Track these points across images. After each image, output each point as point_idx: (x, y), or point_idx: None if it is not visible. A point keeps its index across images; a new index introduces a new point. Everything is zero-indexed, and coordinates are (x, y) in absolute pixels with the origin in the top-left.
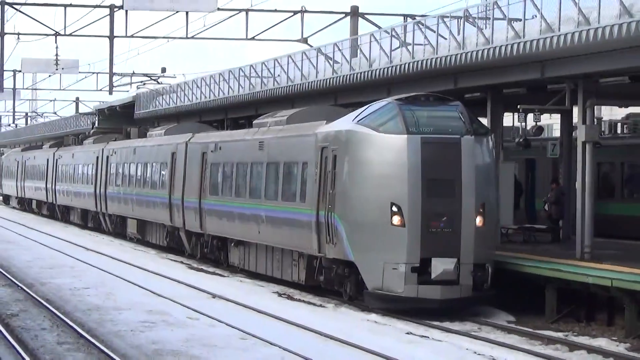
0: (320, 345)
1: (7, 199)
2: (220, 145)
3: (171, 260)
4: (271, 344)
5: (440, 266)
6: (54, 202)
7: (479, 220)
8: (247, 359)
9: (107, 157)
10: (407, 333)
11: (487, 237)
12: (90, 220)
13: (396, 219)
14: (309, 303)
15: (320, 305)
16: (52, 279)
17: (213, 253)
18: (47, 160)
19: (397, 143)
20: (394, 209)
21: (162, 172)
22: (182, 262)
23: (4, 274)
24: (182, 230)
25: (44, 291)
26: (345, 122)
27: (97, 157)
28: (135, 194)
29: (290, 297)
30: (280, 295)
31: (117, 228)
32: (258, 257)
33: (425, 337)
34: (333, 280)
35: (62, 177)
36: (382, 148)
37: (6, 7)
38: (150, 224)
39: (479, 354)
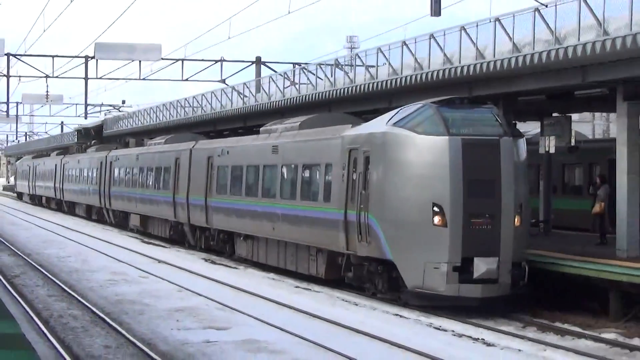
0: (233, 295)
1: (20, 195)
2: (227, 150)
3: (129, 236)
4: (200, 294)
5: (483, 265)
6: (62, 198)
7: (517, 220)
8: (182, 305)
9: (111, 162)
10: (296, 287)
11: (523, 236)
12: (94, 214)
13: (437, 219)
14: (227, 266)
15: (235, 268)
16: (44, 250)
17: (218, 245)
18: (56, 165)
19: (439, 144)
20: (436, 209)
21: (166, 175)
22: (136, 238)
23: (9, 247)
24: (187, 224)
25: (38, 259)
26: (378, 125)
27: (101, 162)
28: (139, 193)
29: (213, 262)
30: (206, 260)
31: (120, 221)
32: (269, 251)
33: (308, 289)
34: (362, 277)
35: (68, 178)
36: (423, 149)
37: (11, 57)
38: (152, 218)
39: (344, 300)
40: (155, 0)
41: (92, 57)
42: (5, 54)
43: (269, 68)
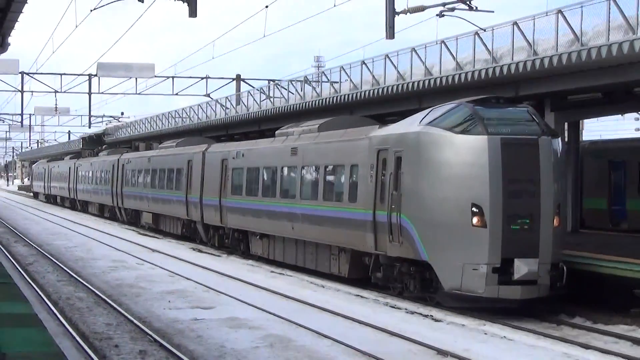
0: (218, 279)
1: (36, 195)
2: (243, 153)
3: (127, 229)
4: (188, 279)
5: (524, 267)
6: (75, 197)
7: (556, 220)
8: (173, 288)
9: (123, 164)
10: (271, 272)
11: (561, 237)
12: (106, 212)
13: (476, 220)
14: (211, 254)
15: (218, 256)
16: (53, 241)
17: (232, 243)
18: (69, 167)
19: (477, 144)
20: (475, 209)
21: (178, 176)
22: (133, 230)
23: (23, 238)
24: (200, 223)
25: (48, 249)
26: (410, 125)
27: (114, 165)
28: (151, 193)
29: (200, 251)
30: (193, 249)
31: (131, 219)
32: (286, 250)
33: (282, 274)
34: (392, 277)
35: (81, 180)
36: (461, 149)
37: (24, 75)
38: (164, 216)
39: (312, 283)
40: (149, 26)
41: (95, 75)
42: (20, 73)
43: (248, 84)
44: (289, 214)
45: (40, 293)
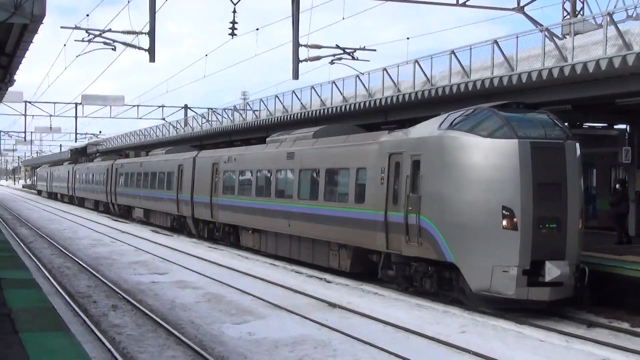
0: (170, 252)
1: (39, 192)
2: (234, 157)
3: (104, 216)
4: (148, 252)
5: (555, 269)
6: (74, 194)
7: (580, 223)
8: (137, 260)
9: (117, 169)
10: (209, 247)
11: (582, 239)
12: (101, 207)
13: (507, 223)
14: (167, 235)
15: (171, 235)
16: (49, 225)
17: (222, 235)
18: (68, 171)
19: (508, 147)
20: (505, 212)
21: (170, 177)
22: (108, 217)
23: (26, 223)
24: (190, 218)
25: (45, 231)
26: (429, 129)
27: (108, 169)
28: (143, 192)
29: (157, 232)
30: (153, 231)
31: (123, 213)
32: (279, 244)
33: (216, 248)
34: (403, 275)
35: (79, 180)
36: (491, 152)
37: (27, 103)
38: (154, 212)
39: (239, 255)
40: (120, 67)
41: (80, 103)
42: (24, 101)
43: (193, 111)
44: (285, 212)
45: (37, 263)
